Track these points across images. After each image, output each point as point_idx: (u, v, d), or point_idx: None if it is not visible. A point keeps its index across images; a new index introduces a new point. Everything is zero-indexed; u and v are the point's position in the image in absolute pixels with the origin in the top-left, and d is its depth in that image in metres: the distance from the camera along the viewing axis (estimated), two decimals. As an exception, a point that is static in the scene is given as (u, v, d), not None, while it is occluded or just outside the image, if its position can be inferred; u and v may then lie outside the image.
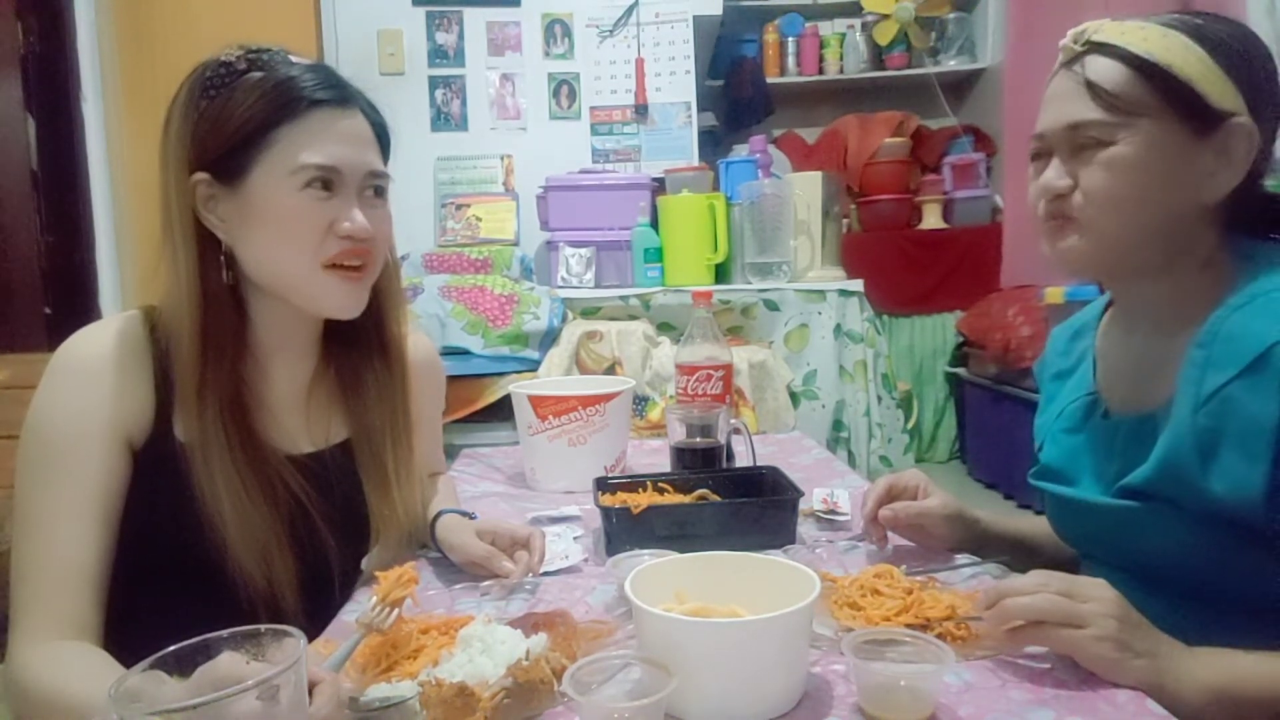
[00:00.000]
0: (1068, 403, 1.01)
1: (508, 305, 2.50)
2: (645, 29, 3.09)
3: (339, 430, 1.06)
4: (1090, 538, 0.98)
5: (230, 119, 0.89)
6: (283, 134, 0.90)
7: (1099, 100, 0.84)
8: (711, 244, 2.69)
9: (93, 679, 0.74)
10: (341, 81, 0.95)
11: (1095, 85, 0.84)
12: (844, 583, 0.89)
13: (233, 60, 0.90)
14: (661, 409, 2.03)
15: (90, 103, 2.90)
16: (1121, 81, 0.83)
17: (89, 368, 0.89)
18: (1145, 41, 0.83)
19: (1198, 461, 0.80)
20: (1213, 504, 0.80)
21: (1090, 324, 1.04)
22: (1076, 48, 0.87)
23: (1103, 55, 0.85)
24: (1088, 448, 0.97)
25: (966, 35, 4.26)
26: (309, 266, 0.92)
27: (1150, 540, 0.86)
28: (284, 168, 0.90)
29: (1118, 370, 0.97)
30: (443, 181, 3.05)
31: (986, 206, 4.11)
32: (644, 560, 0.87)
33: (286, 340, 1.00)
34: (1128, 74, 0.83)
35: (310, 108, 0.91)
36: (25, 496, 0.86)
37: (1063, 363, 1.07)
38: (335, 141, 0.92)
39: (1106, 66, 0.84)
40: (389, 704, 0.69)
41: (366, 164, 0.95)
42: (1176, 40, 0.83)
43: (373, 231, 0.94)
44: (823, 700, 0.72)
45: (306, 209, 0.91)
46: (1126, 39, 0.84)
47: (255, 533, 0.90)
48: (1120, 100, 0.83)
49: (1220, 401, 0.78)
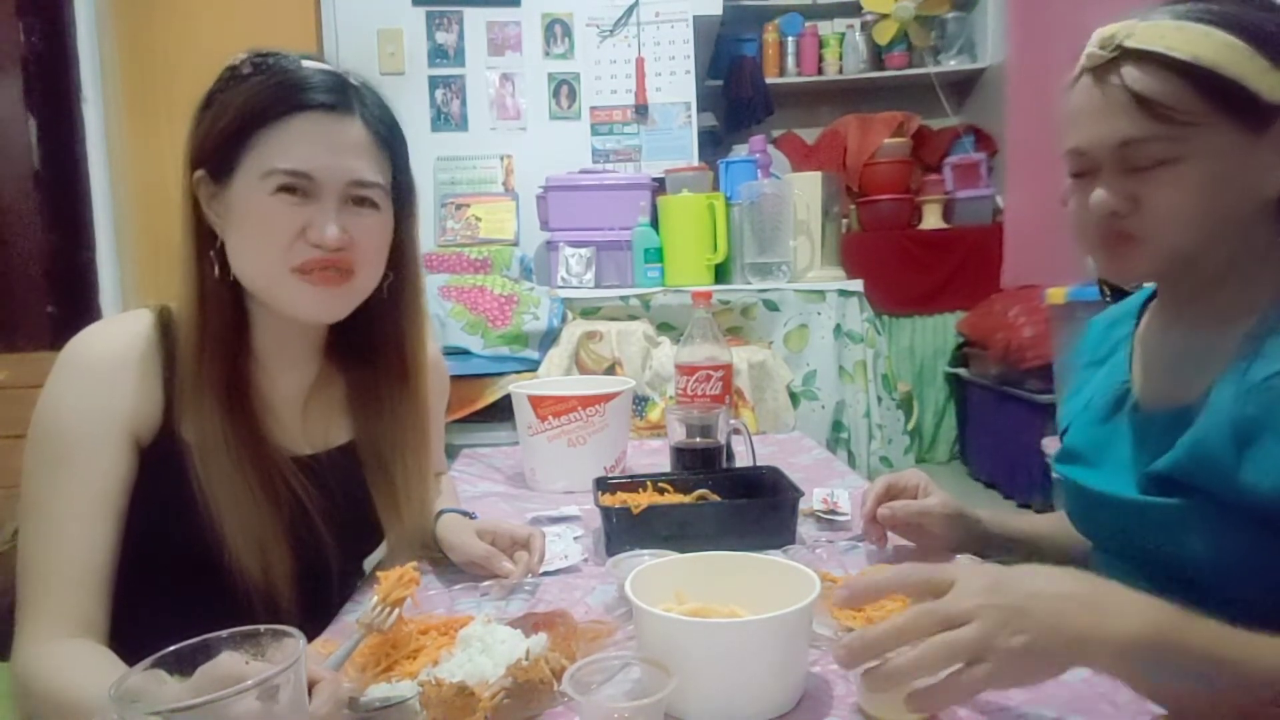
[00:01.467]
0: (1098, 392, 0.98)
1: (507, 305, 2.50)
2: (645, 29, 3.09)
3: (339, 435, 1.05)
4: (1108, 531, 0.95)
5: (223, 118, 0.90)
6: (263, 136, 0.89)
7: (1150, 115, 0.78)
8: (711, 244, 2.69)
9: (98, 677, 0.74)
10: (342, 86, 0.93)
11: (1145, 99, 0.78)
12: (844, 583, 0.89)
13: (238, 64, 0.91)
14: (661, 409, 2.03)
15: (90, 103, 2.90)
16: (1171, 91, 0.77)
17: (99, 365, 0.89)
18: (1188, 44, 0.77)
19: (1233, 450, 0.77)
20: (1244, 496, 0.76)
21: (1131, 313, 1.01)
22: (1106, 54, 0.81)
23: (1141, 62, 0.79)
24: (1115, 438, 0.94)
25: (967, 35, 4.26)
26: (278, 270, 0.91)
27: (1171, 536, 0.84)
28: (259, 170, 0.89)
29: (1155, 363, 0.94)
30: (442, 181, 3.05)
31: (988, 207, 4.10)
32: (644, 560, 0.87)
33: (288, 342, 1.00)
34: (1175, 82, 0.77)
35: (295, 111, 0.89)
36: (33, 493, 0.86)
37: (1097, 351, 1.03)
38: (313, 147, 0.90)
39: (1151, 75, 0.78)
40: (389, 704, 0.70)
41: (349, 172, 0.91)
42: (1218, 38, 0.77)
43: (348, 241, 0.91)
44: (823, 700, 0.72)
45: (277, 213, 0.89)
46: (1166, 42, 0.78)
47: (253, 528, 0.90)
48: (1175, 112, 0.77)
49: (1267, 390, 0.75)
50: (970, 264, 3.98)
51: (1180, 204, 0.80)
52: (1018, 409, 3.31)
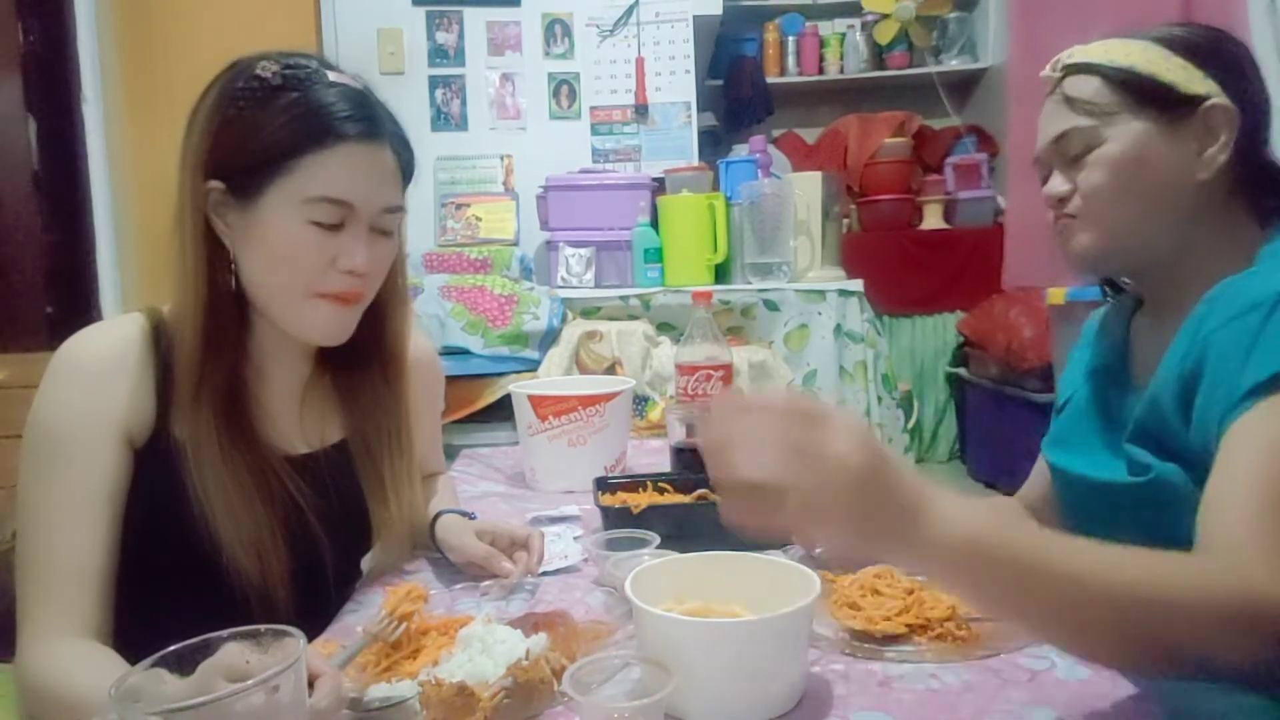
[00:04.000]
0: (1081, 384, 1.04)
1: (507, 305, 2.50)
2: (645, 29, 3.09)
3: (333, 432, 1.06)
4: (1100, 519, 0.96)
5: (255, 138, 0.88)
6: (305, 163, 0.88)
7: (1077, 110, 0.93)
8: (711, 244, 2.69)
9: (99, 677, 0.74)
10: (375, 114, 0.94)
11: (1073, 99, 0.94)
12: (844, 583, 0.89)
13: (268, 76, 0.89)
14: (661, 409, 2.03)
15: (90, 103, 2.89)
16: (1094, 90, 0.93)
17: (91, 366, 0.89)
18: (1109, 53, 0.93)
19: (1179, 410, 0.82)
20: (1191, 455, 0.79)
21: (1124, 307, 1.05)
22: (1056, 74, 0.97)
23: (1078, 74, 0.95)
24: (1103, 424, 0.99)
25: (968, 35, 4.25)
26: (301, 294, 0.92)
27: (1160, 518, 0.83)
28: (298, 196, 0.89)
29: (1144, 350, 0.99)
30: (442, 181, 3.05)
31: (989, 208, 4.10)
32: (644, 560, 0.87)
33: (286, 344, 1.00)
34: (1098, 83, 0.93)
35: (337, 140, 0.89)
36: (29, 494, 0.87)
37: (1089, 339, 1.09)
38: (354, 177, 0.91)
39: (1081, 81, 0.94)
40: (389, 704, 0.70)
41: (383, 200, 0.94)
42: (1138, 46, 0.92)
43: (372, 268, 0.94)
44: (823, 700, 0.72)
45: (309, 243, 0.90)
46: (1093, 55, 0.94)
47: (249, 529, 0.90)
48: (1095, 105, 0.92)
49: (1204, 345, 0.80)
50: (971, 265, 3.97)
51: (1104, 180, 0.92)
52: (1018, 409, 3.31)
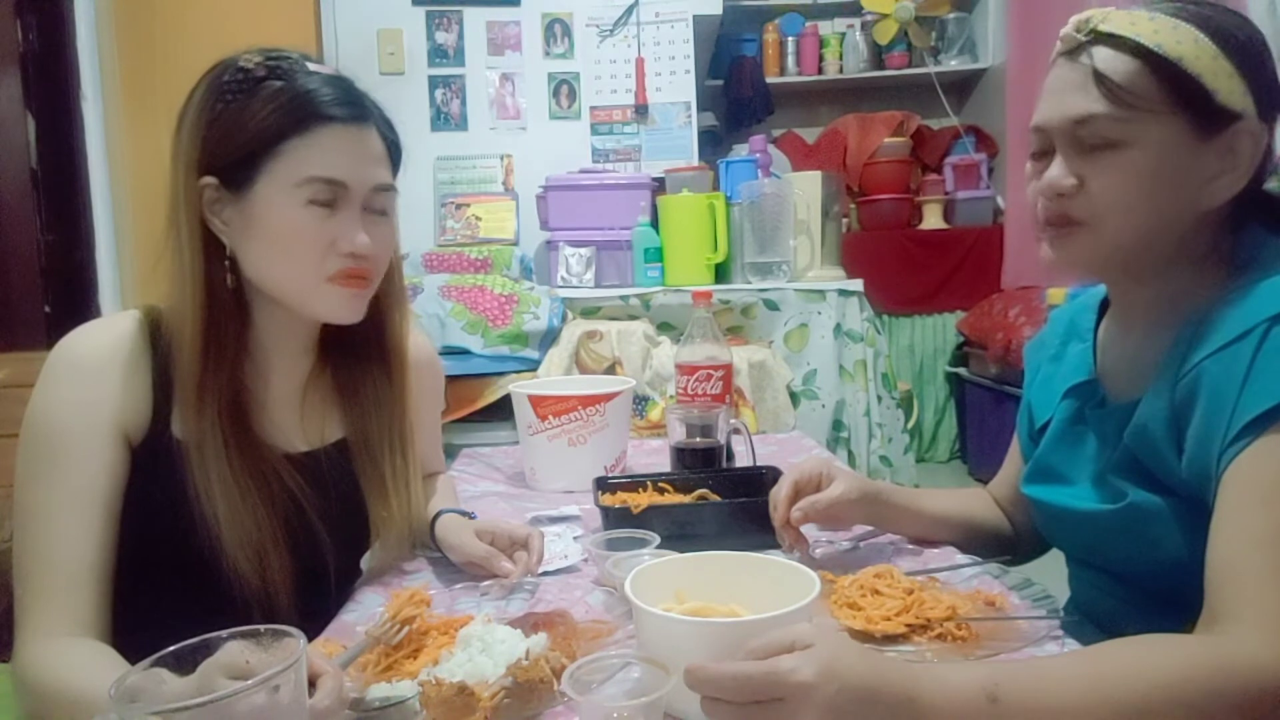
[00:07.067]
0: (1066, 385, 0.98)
1: (507, 305, 2.50)
2: (645, 29, 3.09)
3: (334, 430, 1.06)
4: (1081, 545, 0.96)
5: (243, 128, 0.89)
6: (291, 146, 0.89)
7: (1107, 93, 0.79)
8: (711, 244, 2.69)
9: (99, 676, 0.74)
10: (358, 97, 0.95)
11: (1104, 76, 0.79)
12: (844, 583, 0.89)
13: (251, 67, 0.90)
14: (661, 409, 2.03)
15: (90, 102, 2.90)
16: (1131, 74, 0.79)
17: (87, 364, 0.89)
18: (1156, 33, 0.79)
19: (1171, 439, 0.79)
20: (1181, 485, 0.78)
21: (1090, 307, 1.02)
22: (1080, 36, 0.82)
23: (1110, 46, 0.80)
24: (1080, 449, 0.94)
25: (967, 35, 4.25)
26: (312, 280, 0.93)
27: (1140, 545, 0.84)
28: (289, 180, 0.89)
29: (1116, 364, 0.95)
30: (442, 181, 3.05)
31: (988, 207, 4.10)
32: (644, 560, 0.87)
33: (286, 342, 1.00)
34: (1137, 66, 0.79)
35: (323, 122, 0.90)
36: (26, 493, 0.86)
37: (1058, 346, 1.04)
38: (344, 156, 0.92)
39: (1115, 57, 0.80)
40: (389, 704, 0.70)
41: (374, 179, 0.95)
42: (1187, 32, 0.78)
43: (374, 249, 0.95)
44: (823, 700, 0.71)
45: (307, 225, 0.91)
46: (1137, 29, 0.79)
47: (250, 530, 0.90)
48: (1130, 94, 0.79)
49: (1195, 374, 0.76)
50: (970, 264, 3.98)
51: (1122, 190, 0.81)
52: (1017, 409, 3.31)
